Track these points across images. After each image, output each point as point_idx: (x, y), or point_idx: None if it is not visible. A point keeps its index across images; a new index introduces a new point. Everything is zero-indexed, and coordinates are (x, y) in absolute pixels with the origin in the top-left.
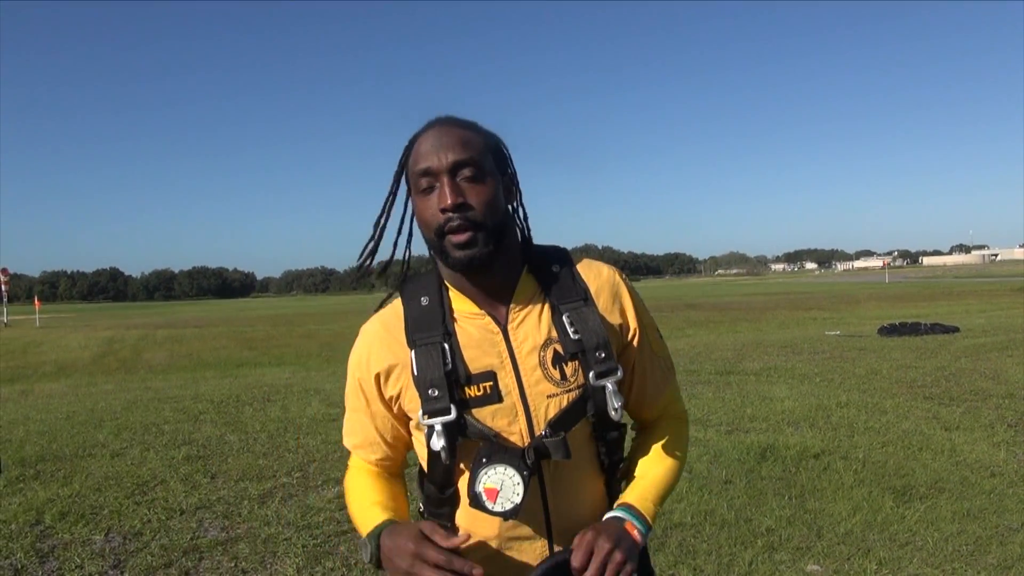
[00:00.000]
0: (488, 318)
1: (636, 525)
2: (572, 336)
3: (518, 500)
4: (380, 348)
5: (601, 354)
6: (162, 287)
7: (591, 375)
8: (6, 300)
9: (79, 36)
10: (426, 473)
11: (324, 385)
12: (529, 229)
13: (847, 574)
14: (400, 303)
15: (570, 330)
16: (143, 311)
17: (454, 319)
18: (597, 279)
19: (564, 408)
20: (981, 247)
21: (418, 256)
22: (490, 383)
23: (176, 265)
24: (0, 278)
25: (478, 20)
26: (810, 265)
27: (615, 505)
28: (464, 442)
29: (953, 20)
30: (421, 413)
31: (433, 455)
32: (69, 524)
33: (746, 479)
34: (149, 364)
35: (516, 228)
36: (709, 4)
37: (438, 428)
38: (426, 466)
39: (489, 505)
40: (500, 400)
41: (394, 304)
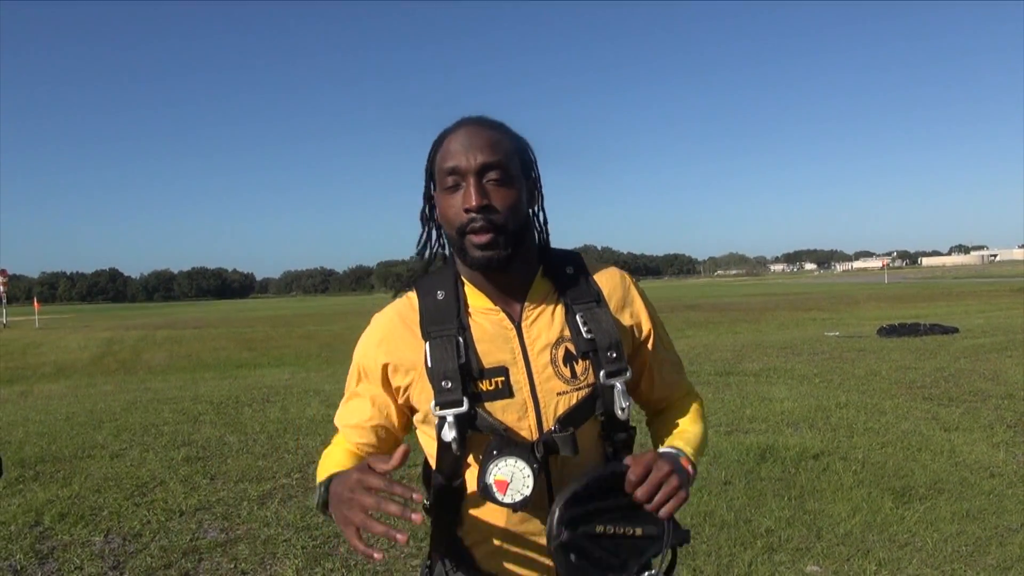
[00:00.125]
0: (503, 314)
1: (690, 461)
2: (585, 335)
3: (528, 492)
4: (393, 337)
5: (612, 354)
6: (161, 288)
7: (602, 374)
8: (5, 301)
9: (78, 36)
10: (434, 466)
11: (324, 386)
12: (548, 233)
13: (847, 575)
14: (415, 296)
15: (583, 329)
16: (142, 312)
17: (469, 314)
18: (609, 282)
19: (573, 406)
20: (980, 248)
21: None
22: (502, 378)
23: (175, 266)
24: None
25: (476, 20)
26: (809, 266)
27: (663, 445)
28: (473, 435)
29: (952, 20)
30: (433, 404)
31: (443, 446)
32: (68, 525)
33: (745, 480)
34: (148, 365)
35: (535, 231)
36: (708, 4)
37: (450, 420)
38: (435, 458)
39: (499, 496)
40: (511, 395)
41: (409, 296)
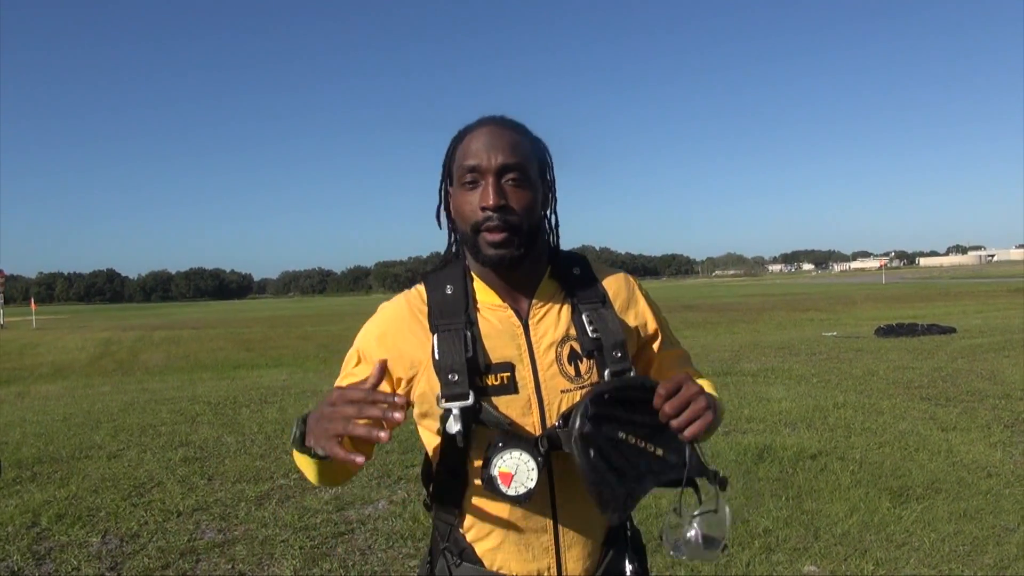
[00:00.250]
0: (510, 311)
1: (715, 396)
2: (591, 335)
3: (532, 485)
4: (400, 327)
5: (617, 353)
6: (159, 288)
7: (606, 373)
8: (2, 302)
9: (75, 36)
10: (437, 459)
11: (321, 386)
12: (558, 236)
13: (844, 575)
14: (423, 288)
15: (589, 328)
16: (140, 312)
17: (477, 309)
18: (615, 284)
19: (575, 404)
20: (977, 248)
21: (433, 253)
22: (507, 374)
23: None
24: None
25: (476, 20)
26: (807, 266)
27: None
28: (478, 428)
29: (949, 21)
30: (439, 396)
31: (448, 439)
32: (66, 526)
33: (743, 480)
34: (146, 366)
35: (546, 233)
36: (705, 4)
37: (455, 412)
38: (438, 451)
39: (503, 489)
40: (516, 391)
41: (418, 288)
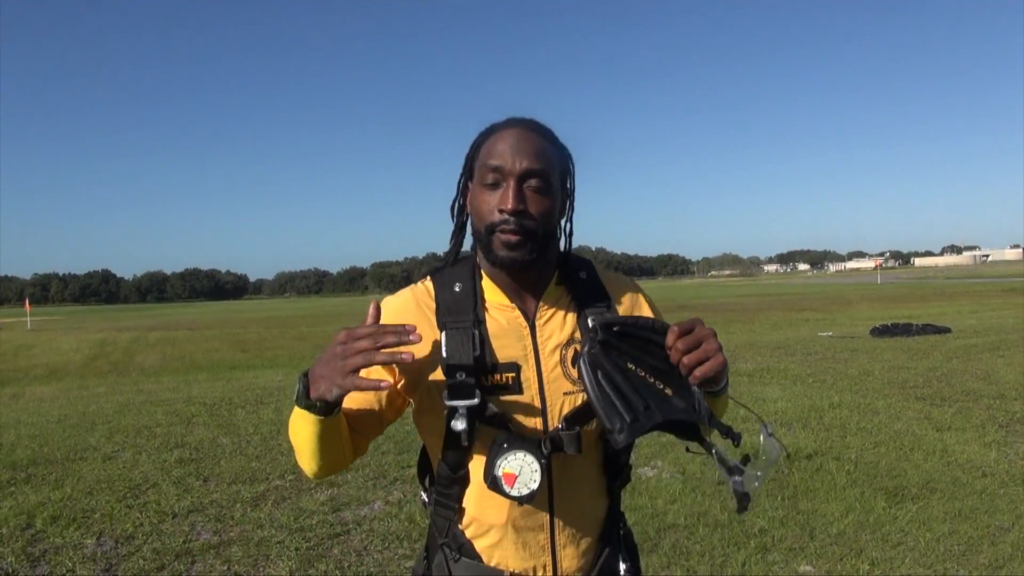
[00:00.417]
0: (518, 312)
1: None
2: None
3: (535, 486)
4: (406, 319)
5: None
6: (154, 289)
7: None
8: None
9: (72, 35)
10: (439, 456)
11: None
12: (571, 244)
13: (840, 574)
14: (431, 285)
15: None
16: (135, 313)
17: (485, 308)
18: (619, 288)
19: (578, 406)
20: (972, 248)
21: (430, 253)
22: (512, 374)
23: (168, 267)
24: None
25: (472, 21)
26: (803, 266)
27: None
28: (482, 427)
29: (947, 21)
30: (446, 394)
31: (452, 437)
32: (60, 528)
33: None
34: (141, 367)
35: (559, 240)
36: (701, 3)
37: (461, 410)
38: (440, 449)
39: (507, 489)
40: (520, 392)
41: (425, 284)
